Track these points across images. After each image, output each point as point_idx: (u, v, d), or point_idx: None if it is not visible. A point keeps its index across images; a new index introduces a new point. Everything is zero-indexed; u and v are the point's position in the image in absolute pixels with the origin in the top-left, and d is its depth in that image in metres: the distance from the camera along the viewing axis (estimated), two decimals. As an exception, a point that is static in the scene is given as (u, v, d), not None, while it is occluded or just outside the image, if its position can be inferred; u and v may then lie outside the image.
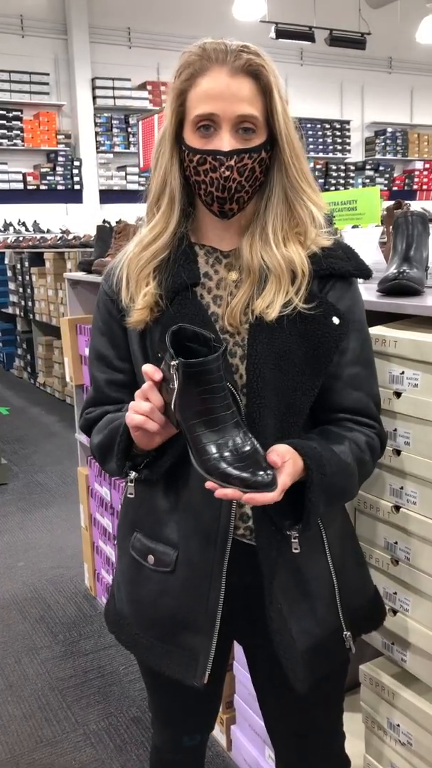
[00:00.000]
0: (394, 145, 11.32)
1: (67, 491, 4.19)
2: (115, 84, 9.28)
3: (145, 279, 1.08)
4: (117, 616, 1.22)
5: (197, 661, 1.10)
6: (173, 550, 1.10)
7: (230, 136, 1.01)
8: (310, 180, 1.09)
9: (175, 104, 1.05)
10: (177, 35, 9.16)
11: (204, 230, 1.13)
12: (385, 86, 11.25)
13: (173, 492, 1.10)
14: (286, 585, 1.09)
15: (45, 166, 9.02)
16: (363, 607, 1.21)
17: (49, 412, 6.17)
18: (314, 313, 1.05)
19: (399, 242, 1.46)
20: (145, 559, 1.14)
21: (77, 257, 5.37)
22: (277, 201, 1.07)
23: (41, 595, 3.01)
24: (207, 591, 1.08)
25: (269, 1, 8.24)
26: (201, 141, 1.03)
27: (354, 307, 1.11)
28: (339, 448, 1.05)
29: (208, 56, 1.01)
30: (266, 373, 1.03)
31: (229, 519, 1.06)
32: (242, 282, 1.09)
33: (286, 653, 1.09)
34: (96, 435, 1.15)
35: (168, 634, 1.13)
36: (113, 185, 9.43)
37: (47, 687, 2.39)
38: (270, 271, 1.06)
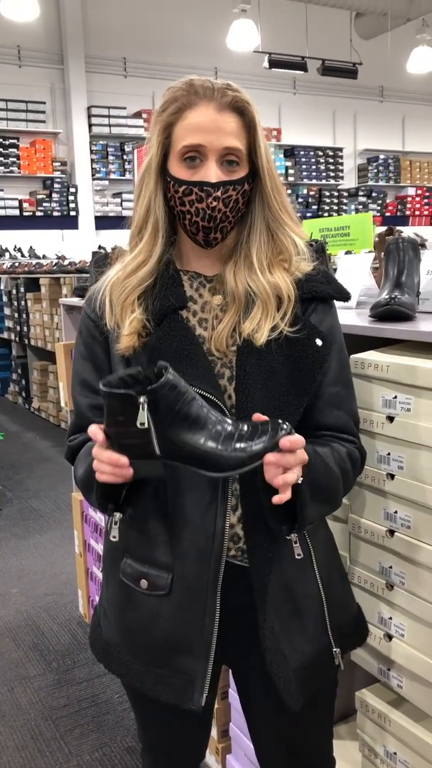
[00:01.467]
0: (386, 172, 11.45)
1: (61, 517, 4.17)
2: (111, 112, 9.39)
3: (130, 306, 1.10)
4: (105, 644, 1.21)
5: (194, 684, 1.10)
6: (167, 573, 1.10)
7: (216, 168, 1.05)
8: (290, 211, 1.13)
9: (161, 136, 1.08)
10: (172, 65, 9.30)
11: (186, 257, 1.16)
12: (377, 114, 11.41)
13: (165, 515, 1.10)
14: (277, 603, 1.11)
15: (41, 193, 9.09)
16: (349, 624, 1.23)
17: (43, 437, 6.16)
18: (299, 336, 1.08)
19: (391, 268, 1.48)
20: (137, 584, 1.13)
21: (73, 283, 5.40)
22: (259, 231, 1.11)
23: (35, 622, 2.98)
24: (202, 612, 1.09)
25: (262, 31, 8.39)
26: (187, 172, 1.06)
27: (334, 328, 1.15)
28: (322, 450, 1.08)
29: (196, 92, 1.05)
30: (255, 394, 1.06)
31: (224, 537, 1.07)
32: (228, 307, 1.12)
33: (279, 671, 1.10)
34: (78, 467, 1.16)
35: (162, 659, 1.12)
36: (109, 211, 9.50)
37: (40, 716, 2.36)
38: (256, 296, 1.10)
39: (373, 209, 11.01)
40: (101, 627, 1.23)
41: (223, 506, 1.07)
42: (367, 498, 1.34)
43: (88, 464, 1.10)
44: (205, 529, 1.07)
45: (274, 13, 9.00)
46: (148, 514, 1.11)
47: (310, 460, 1.00)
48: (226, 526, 1.07)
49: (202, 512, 1.07)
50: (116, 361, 1.12)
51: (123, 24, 9.21)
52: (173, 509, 1.09)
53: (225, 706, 1.88)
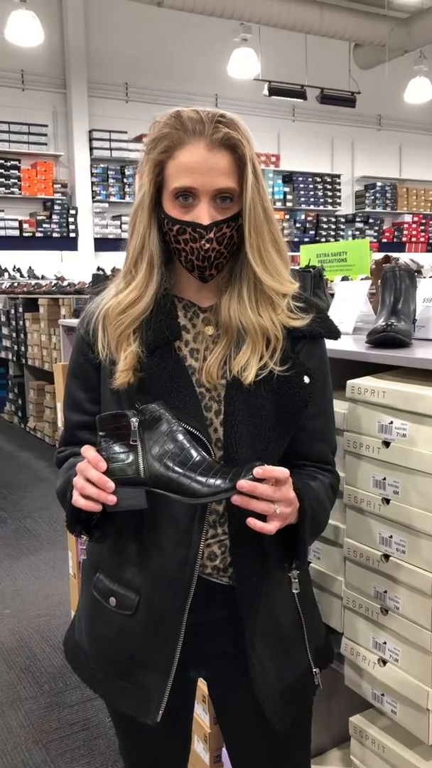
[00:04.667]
0: (383, 199, 11.57)
1: (55, 537, 4.15)
2: (112, 136, 9.49)
3: (126, 340, 1.10)
4: (75, 648, 1.25)
5: (150, 698, 1.12)
6: (135, 595, 1.12)
7: (209, 207, 1.05)
8: (269, 259, 1.10)
9: (152, 174, 1.07)
10: (173, 90, 9.43)
11: (182, 286, 1.17)
12: (375, 142, 11.56)
13: (138, 539, 1.12)
14: (264, 631, 1.13)
15: (41, 214, 9.16)
16: (323, 645, 1.27)
17: (39, 457, 6.15)
18: (287, 374, 1.10)
19: (387, 296, 1.51)
20: (107, 600, 1.16)
21: (71, 303, 5.43)
22: (248, 267, 1.10)
23: (27, 644, 2.96)
24: (166, 633, 1.11)
25: (263, 59, 8.53)
26: (180, 211, 1.06)
27: (322, 365, 1.17)
28: (315, 484, 1.13)
29: (185, 128, 1.03)
30: (242, 430, 1.08)
31: (195, 565, 1.09)
32: (219, 339, 1.13)
33: (267, 696, 1.13)
34: (59, 478, 1.18)
35: (124, 672, 1.15)
36: (108, 233, 9.57)
37: (31, 740, 2.34)
38: (247, 333, 1.11)
39: (370, 235, 11.11)
40: (75, 629, 1.27)
41: (198, 536, 1.09)
42: (362, 522, 1.35)
43: (66, 479, 1.13)
44: (177, 558, 1.09)
45: (274, 42, 9.15)
46: (124, 533, 1.12)
47: (311, 498, 1.06)
48: (199, 554, 1.09)
49: (177, 541, 1.09)
50: (106, 384, 1.12)
51: (125, 50, 9.35)
52: (148, 533, 1.11)
53: (217, 731, 1.87)
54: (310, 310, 1.15)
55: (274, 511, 0.98)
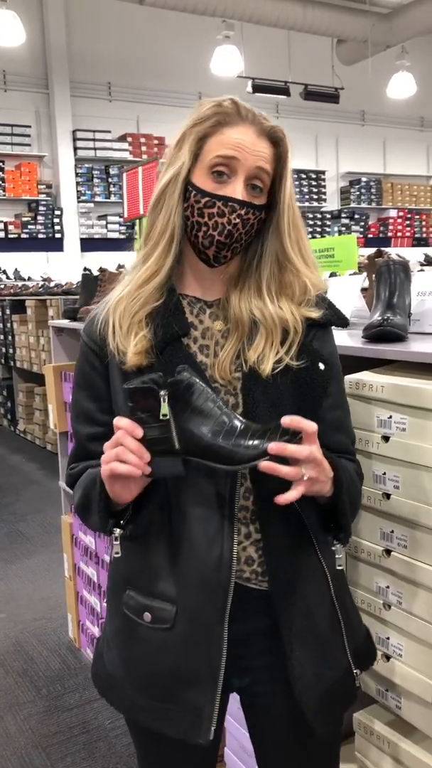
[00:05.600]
0: (368, 194, 11.60)
1: (49, 540, 4.13)
2: (96, 136, 9.45)
3: (137, 324, 1.08)
4: (109, 678, 1.18)
5: (201, 717, 1.07)
6: (171, 606, 1.07)
7: (243, 188, 1.05)
8: (304, 253, 1.11)
9: (194, 147, 1.06)
10: (156, 89, 9.40)
11: (187, 280, 1.15)
12: (359, 138, 11.58)
13: (169, 545, 1.08)
14: (302, 630, 1.09)
15: (26, 215, 9.10)
16: (362, 645, 1.22)
17: (30, 459, 6.12)
18: (304, 364, 1.08)
19: (382, 290, 1.50)
20: (141, 617, 1.10)
21: (59, 304, 5.40)
22: (270, 261, 1.11)
23: (24, 648, 2.94)
24: (209, 644, 1.06)
25: (246, 57, 8.52)
26: (213, 185, 1.06)
27: (334, 352, 1.16)
28: (343, 463, 1.10)
29: (239, 112, 1.06)
30: (264, 422, 1.03)
31: (231, 567, 1.05)
32: (230, 333, 1.11)
33: (308, 700, 1.08)
34: (76, 492, 1.15)
35: (168, 693, 1.09)
36: (94, 234, 9.53)
37: (30, 745, 2.32)
38: (261, 324, 1.09)
39: (355, 231, 11.13)
40: (104, 660, 1.20)
41: (230, 533, 1.05)
42: (363, 518, 1.35)
43: (86, 486, 1.10)
44: (211, 559, 1.05)
45: (257, 39, 9.14)
46: (151, 542, 1.09)
47: (345, 469, 1.05)
48: (234, 556, 1.05)
49: (209, 541, 1.05)
50: (116, 390, 1.10)
51: (108, 49, 9.31)
52: (177, 538, 1.07)
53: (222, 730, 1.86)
54: (321, 302, 1.14)
55: (302, 476, 0.95)
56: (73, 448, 1.20)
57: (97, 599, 2.65)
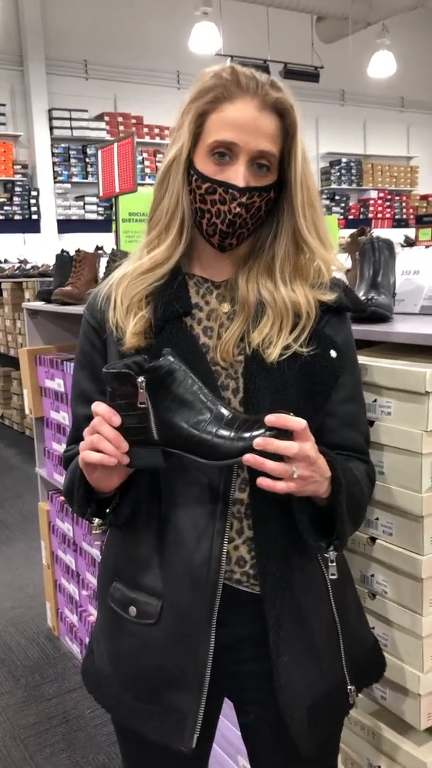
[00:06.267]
0: (348, 175, 11.53)
1: (27, 527, 4.07)
2: (72, 115, 9.27)
3: (137, 304, 1.03)
4: (97, 674, 1.12)
5: (185, 723, 1.01)
6: (157, 600, 1.02)
7: (246, 171, 0.97)
8: (320, 232, 1.03)
9: (193, 125, 0.99)
10: (134, 67, 9.23)
11: (196, 259, 1.08)
12: (339, 118, 11.48)
13: (156, 536, 1.02)
14: (291, 637, 1.02)
15: (2, 196, 8.93)
16: (365, 658, 1.15)
17: (8, 445, 6.03)
18: (314, 351, 1.01)
19: (366, 269, 1.45)
20: (126, 610, 1.05)
21: (36, 287, 5.30)
22: (285, 242, 1.03)
23: (1, 637, 2.89)
24: (195, 644, 1.00)
25: (224, 34, 8.37)
26: (213, 168, 0.98)
27: (348, 341, 1.09)
28: (350, 464, 1.03)
29: (239, 82, 0.97)
30: (264, 408, 0.96)
31: (220, 562, 0.99)
32: (235, 315, 1.05)
33: (293, 712, 1.01)
34: (66, 477, 1.10)
35: (152, 693, 1.04)
36: (71, 215, 9.38)
37: (8, 736, 2.28)
38: (269, 306, 1.02)
39: (336, 212, 11.07)
40: (94, 655, 1.15)
41: (221, 528, 0.99)
42: (347, 505, 1.30)
43: (72, 471, 1.05)
44: (200, 554, 0.99)
45: (235, 16, 8.99)
46: (139, 531, 1.04)
47: (345, 470, 0.97)
48: (223, 551, 0.99)
49: (198, 534, 0.99)
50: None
51: (83, 25, 9.11)
52: (166, 530, 1.01)
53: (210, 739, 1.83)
54: (335, 286, 1.07)
55: (292, 473, 0.86)
56: (71, 429, 1.15)
57: (76, 587, 2.60)
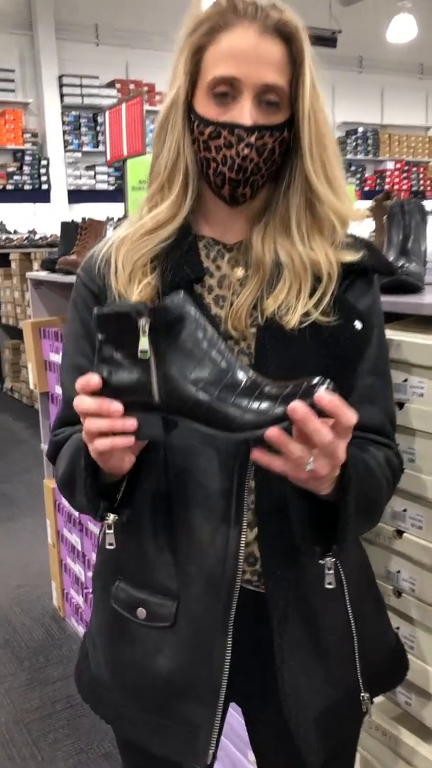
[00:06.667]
0: (365, 145, 11.25)
1: (34, 503, 3.99)
2: (83, 82, 9.05)
3: (141, 269, 0.91)
4: (93, 681, 1.02)
5: (197, 736, 0.91)
6: (172, 601, 0.91)
7: (252, 108, 0.85)
8: (331, 177, 0.90)
9: (189, 64, 0.87)
10: (146, 32, 8.96)
11: (205, 218, 0.96)
12: (356, 86, 11.16)
13: (167, 530, 0.91)
14: (298, 640, 0.91)
15: (11, 166, 8.77)
16: (383, 662, 1.04)
17: (16, 418, 5.95)
18: (336, 321, 0.89)
19: (395, 234, 1.32)
20: (133, 613, 0.94)
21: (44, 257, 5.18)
22: (299, 190, 0.90)
23: (6, 617, 2.82)
24: (210, 650, 0.90)
25: (239, -3, 8.11)
26: (216, 110, 0.86)
27: (375, 308, 0.95)
28: (363, 454, 0.88)
29: (235, 8, 0.84)
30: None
31: (237, 560, 0.88)
32: (249, 279, 0.92)
33: (298, 720, 0.91)
34: (59, 464, 0.95)
35: (160, 705, 0.93)
36: (82, 185, 9.21)
37: (11, 720, 2.21)
38: (286, 268, 0.90)
39: (351, 183, 10.82)
40: (89, 660, 1.04)
41: (238, 522, 0.88)
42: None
43: (71, 456, 0.90)
44: (215, 551, 0.88)
45: (251, -22, 8.71)
46: (146, 523, 0.92)
47: (355, 463, 0.81)
48: (241, 547, 0.88)
49: (212, 529, 0.88)
50: None
51: (94, -12, 8.87)
52: (177, 523, 0.90)
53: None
54: (358, 245, 0.94)
55: (306, 464, 0.70)
56: (60, 410, 0.99)
57: (81, 568, 2.52)
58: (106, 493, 0.84)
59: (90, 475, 0.81)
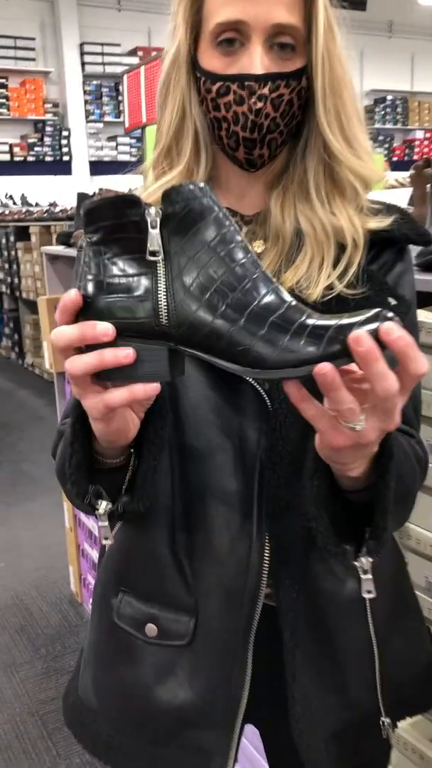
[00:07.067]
0: (394, 114, 10.95)
1: (54, 482, 3.83)
2: (105, 50, 8.89)
3: None
4: (79, 706, 0.91)
5: (209, 764, 0.82)
6: (188, 616, 0.81)
7: (263, 54, 0.74)
8: (347, 132, 0.78)
9: (188, 13, 0.76)
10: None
11: (219, 186, 0.85)
12: (385, 52, 10.83)
13: (181, 531, 0.80)
14: (310, 654, 0.81)
15: (32, 137, 8.66)
16: (412, 684, 0.92)
17: (37, 395, 5.90)
18: (363, 296, 0.77)
19: (440, 204, 1.19)
20: (141, 629, 0.83)
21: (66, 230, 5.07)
22: (317, 147, 0.79)
23: (23, 602, 2.76)
24: (230, 671, 0.80)
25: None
26: (222, 62, 0.75)
27: (407, 282, 0.83)
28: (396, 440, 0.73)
29: None
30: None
31: (260, 574, 0.78)
32: (267, 252, 0.81)
33: (309, 743, 0.81)
34: (57, 451, 0.84)
35: (168, 734, 0.83)
36: (104, 156, 9.08)
37: (26, 711, 2.15)
38: (307, 237, 0.78)
39: (379, 153, 10.55)
40: (79, 679, 0.93)
41: (260, 527, 0.78)
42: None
43: (62, 435, 0.78)
44: (234, 558, 0.78)
45: None
46: (154, 523, 0.81)
47: (398, 444, 0.67)
48: (265, 558, 0.78)
49: (233, 533, 0.78)
50: None
51: None
52: (193, 521, 0.80)
53: None
54: (388, 211, 0.82)
55: (355, 421, 0.55)
56: (69, 400, 0.89)
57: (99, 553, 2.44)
58: (101, 478, 0.69)
59: (80, 450, 0.67)
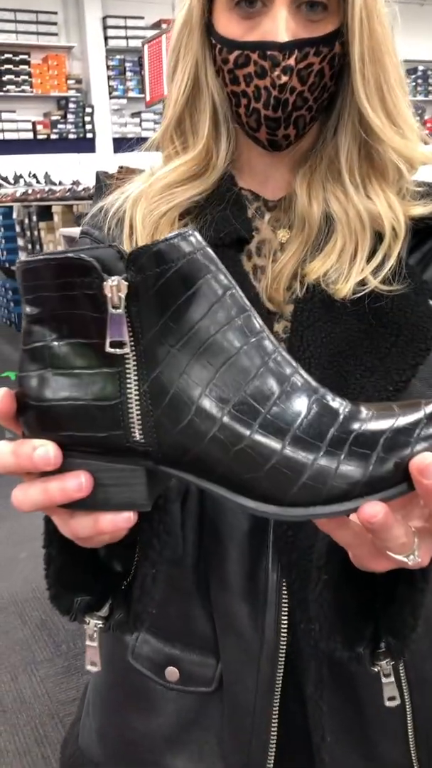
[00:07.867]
0: (425, 85, 10.63)
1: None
2: (128, 23, 8.70)
3: (168, 227, 0.70)
4: (80, 759, 0.81)
5: None
6: (213, 659, 0.70)
7: (289, 17, 0.62)
8: (389, 106, 0.67)
9: None
10: (193, -33, 8.51)
11: (239, 167, 0.74)
12: (417, 20, 10.44)
13: (197, 568, 0.70)
14: (334, 707, 0.69)
15: (55, 114, 8.54)
16: None
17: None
18: (400, 291, 0.66)
19: None
20: (160, 673, 0.73)
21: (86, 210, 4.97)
22: (351, 123, 0.67)
23: (44, 595, 2.67)
24: (258, 721, 0.69)
25: None
26: (241, 27, 0.64)
27: None
28: None
29: None
30: (316, 374, 0.61)
31: (279, 643, 0.66)
32: (292, 240, 0.70)
33: None
34: None
35: None
36: (127, 132, 8.93)
37: (45, 713, 2.08)
38: (339, 223, 0.67)
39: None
40: (81, 727, 0.83)
41: (277, 563, 0.67)
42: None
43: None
44: (245, 600, 0.67)
45: None
46: (187, 555, 0.71)
47: None
48: (283, 600, 0.67)
49: (243, 572, 0.67)
50: None
51: None
52: (207, 562, 0.69)
53: None
54: (428, 195, 0.71)
55: (410, 554, 0.44)
56: None
57: (121, 550, 2.36)
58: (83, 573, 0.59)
59: (53, 543, 0.57)
